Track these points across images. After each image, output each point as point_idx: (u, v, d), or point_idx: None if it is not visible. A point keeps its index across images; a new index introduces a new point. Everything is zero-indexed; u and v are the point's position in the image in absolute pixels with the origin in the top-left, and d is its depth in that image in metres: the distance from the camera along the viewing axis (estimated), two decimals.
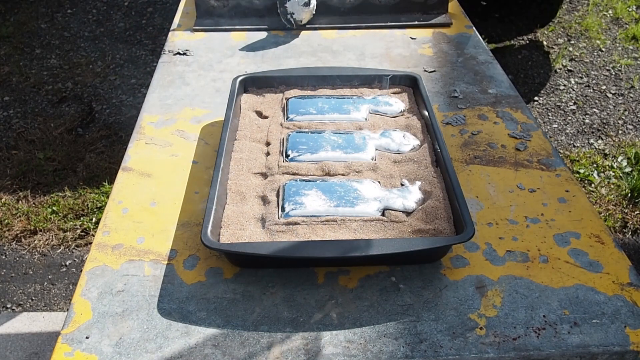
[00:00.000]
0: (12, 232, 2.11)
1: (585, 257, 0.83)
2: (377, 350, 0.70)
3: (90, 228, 2.11)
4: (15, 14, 3.60)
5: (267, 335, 0.72)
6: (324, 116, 1.05)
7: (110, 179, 2.29)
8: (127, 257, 0.83)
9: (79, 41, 3.36)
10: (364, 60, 1.33)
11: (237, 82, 1.09)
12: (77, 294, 0.77)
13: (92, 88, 2.94)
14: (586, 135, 2.65)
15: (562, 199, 0.93)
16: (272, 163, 0.94)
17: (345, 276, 0.79)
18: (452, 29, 1.47)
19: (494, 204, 0.92)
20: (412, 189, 0.88)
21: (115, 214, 0.90)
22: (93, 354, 0.69)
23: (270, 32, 1.45)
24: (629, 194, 2.27)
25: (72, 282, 1.95)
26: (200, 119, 1.12)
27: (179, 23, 1.50)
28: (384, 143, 0.98)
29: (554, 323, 0.73)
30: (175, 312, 0.75)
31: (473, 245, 0.84)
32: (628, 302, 0.76)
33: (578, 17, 3.57)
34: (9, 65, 3.12)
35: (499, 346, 0.70)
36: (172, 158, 1.02)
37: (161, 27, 3.46)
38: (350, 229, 0.81)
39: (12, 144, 2.53)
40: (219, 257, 0.82)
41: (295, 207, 0.84)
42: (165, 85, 1.24)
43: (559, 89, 2.96)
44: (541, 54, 3.24)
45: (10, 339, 1.71)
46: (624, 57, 3.20)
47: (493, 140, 1.06)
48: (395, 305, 0.75)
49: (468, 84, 1.23)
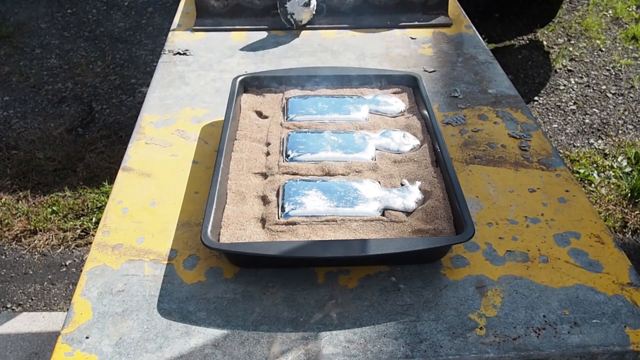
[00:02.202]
0: (12, 232, 2.11)
1: (585, 257, 0.83)
2: (377, 350, 0.70)
3: (90, 228, 2.11)
4: (15, 14, 3.60)
5: (267, 335, 0.72)
6: (324, 116, 1.05)
7: (110, 179, 2.29)
8: (127, 257, 0.83)
9: (79, 41, 3.36)
10: (364, 60, 1.33)
11: (237, 82, 1.09)
12: (77, 294, 0.77)
13: (92, 88, 2.94)
14: (586, 135, 2.65)
15: (562, 199, 0.93)
16: (272, 163, 0.94)
17: (345, 276, 0.79)
18: (452, 29, 1.47)
19: (494, 204, 0.92)
20: (412, 189, 0.88)
21: (115, 214, 0.90)
22: (93, 354, 0.69)
23: (270, 32, 1.45)
24: (629, 194, 2.27)
25: (72, 282, 1.95)
26: (200, 119, 1.12)
27: (179, 23, 1.50)
28: (384, 143, 0.98)
29: (554, 323, 0.73)
30: (175, 312, 0.75)
31: (473, 245, 0.84)
32: (628, 302, 0.76)
33: (578, 17, 3.57)
34: (9, 65, 3.12)
35: (499, 346, 0.70)
36: (172, 158, 1.02)
37: (161, 27, 3.46)
38: (350, 229, 0.81)
39: (12, 144, 2.53)
40: (219, 257, 0.82)
41: (295, 207, 0.84)
42: (165, 85, 1.24)
43: (559, 89, 2.96)
44: (541, 54, 3.24)
45: (10, 339, 1.71)
46: (624, 57, 3.20)
47: (493, 140, 1.06)
48: (395, 305, 0.76)
49: (468, 84, 1.23)
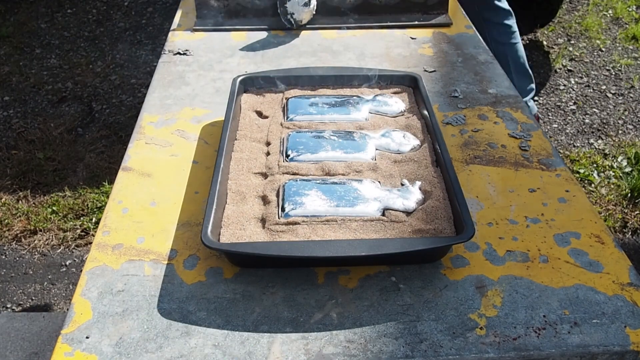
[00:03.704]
0: (12, 232, 2.11)
1: (585, 257, 0.83)
2: (377, 350, 0.70)
3: (90, 228, 2.11)
4: (15, 14, 3.60)
5: (267, 335, 0.72)
6: (324, 116, 1.05)
7: (110, 179, 2.29)
8: (127, 257, 0.83)
9: (79, 41, 3.36)
10: (364, 60, 1.33)
11: (237, 82, 1.09)
12: (77, 293, 0.77)
13: (92, 88, 2.94)
14: (586, 135, 2.65)
15: (562, 199, 0.93)
16: (272, 163, 0.94)
17: (345, 276, 0.79)
18: (452, 29, 1.47)
19: (494, 204, 0.92)
20: (412, 189, 0.88)
21: (115, 214, 0.90)
22: (93, 354, 0.69)
23: (270, 32, 1.45)
24: (629, 194, 2.27)
25: (72, 282, 1.95)
26: (200, 119, 1.12)
27: (179, 23, 1.50)
28: (384, 143, 0.98)
29: (554, 323, 0.73)
30: (175, 312, 0.75)
31: (473, 245, 0.84)
32: (628, 302, 0.76)
33: (578, 17, 3.57)
34: (9, 65, 3.12)
35: (499, 346, 0.70)
36: (172, 158, 1.02)
37: (161, 27, 3.46)
38: (350, 229, 0.81)
39: (12, 144, 2.53)
40: (219, 257, 0.82)
41: (295, 207, 0.84)
42: (165, 85, 1.24)
43: (559, 89, 2.96)
44: (541, 54, 3.24)
45: (10, 339, 1.71)
46: (624, 57, 3.20)
47: (493, 140, 1.06)
48: (395, 305, 0.75)
49: (468, 84, 1.23)
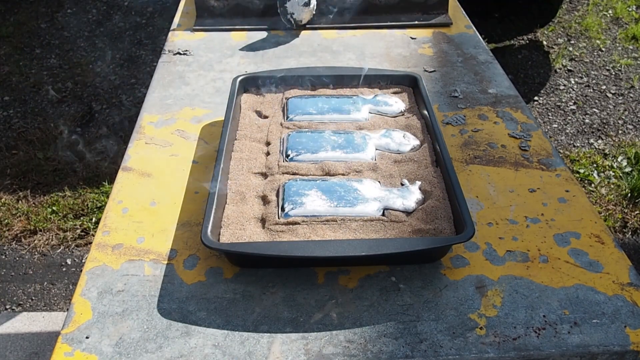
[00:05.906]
0: (12, 232, 2.11)
1: (585, 257, 0.83)
2: (377, 350, 0.70)
3: (90, 228, 2.11)
4: (15, 14, 3.60)
5: (267, 335, 0.72)
6: (324, 116, 1.05)
7: (110, 179, 2.29)
8: (127, 257, 0.83)
9: (79, 41, 3.36)
10: (364, 60, 1.33)
11: (237, 82, 1.09)
12: (77, 293, 0.77)
13: (92, 88, 2.94)
14: (586, 135, 2.65)
15: (562, 199, 0.93)
16: (272, 163, 0.94)
17: (345, 276, 0.79)
18: (452, 29, 1.47)
19: (494, 204, 0.92)
20: (412, 189, 0.88)
21: (115, 214, 0.90)
22: (93, 354, 0.69)
23: (270, 32, 1.45)
24: (629, 194, 2.27)
25: (72, 282, 1.95)
26: (200, 119, 1.12)
27: (179, 23, 1.50)
28: (384, 143, 0.98)
29: (554, 323, 0.73)
30: (175, 312, 0.75)
31: (473, 245, 0.84)
32: (628, 302, 0.76)
33: (578, 17, 3.57)
34: (9, 65, 3.12)
35: (499, 346, 0.70)
36: (172, 158, 1.02)
37: (161, 27, 3.46)
38: (350, 229, 0.81)
39: (12, 144, 2.53)
40: (219, 257, 0.82)
41: (295, 207, 0.84)
42: (165, 85, 1.24)
43: (559, 89, 2.96)
44: (541, 54, 3.24)
45: (10, 339, 1.71)
46: (624, 57, 3.20)
47: (493, 140, 1.06)
48: (395, 305, 0.75)
49: (468, 84, 1.23)
